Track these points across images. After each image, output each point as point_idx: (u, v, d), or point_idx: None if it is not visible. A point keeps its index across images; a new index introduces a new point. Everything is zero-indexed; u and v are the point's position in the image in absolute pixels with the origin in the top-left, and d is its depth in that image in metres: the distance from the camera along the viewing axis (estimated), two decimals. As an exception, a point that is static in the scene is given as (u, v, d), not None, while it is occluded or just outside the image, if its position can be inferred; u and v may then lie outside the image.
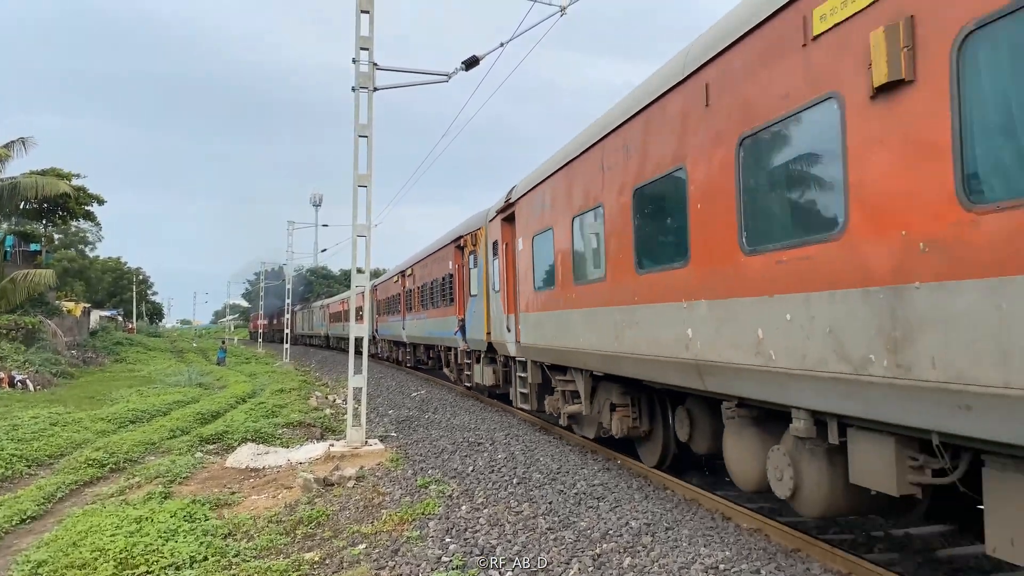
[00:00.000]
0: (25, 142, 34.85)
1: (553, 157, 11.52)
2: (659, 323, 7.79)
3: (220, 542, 7.49)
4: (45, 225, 44.08)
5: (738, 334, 6.27)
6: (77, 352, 38.13)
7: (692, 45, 7.20)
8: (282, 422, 15.75)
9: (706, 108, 6.75)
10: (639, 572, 6.05)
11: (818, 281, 5.27)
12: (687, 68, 7.11)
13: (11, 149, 33.94)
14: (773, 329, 5.78)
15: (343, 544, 7.29)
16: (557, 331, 11.17)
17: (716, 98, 6.60)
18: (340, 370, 31.41)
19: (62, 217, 43.11)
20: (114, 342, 49.07)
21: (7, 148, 33.78)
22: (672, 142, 7.43)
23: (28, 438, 13.78)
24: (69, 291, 56.69)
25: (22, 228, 42.55)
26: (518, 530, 7.30)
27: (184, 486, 10.33)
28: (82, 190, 42.30)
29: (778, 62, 5.67)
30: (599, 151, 9.39)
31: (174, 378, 28.89)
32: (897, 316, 4.52)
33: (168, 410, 18.60)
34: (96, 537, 7.51)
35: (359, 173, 12.62)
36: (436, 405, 17.84)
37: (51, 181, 35.15)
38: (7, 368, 25.77)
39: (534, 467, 10.01)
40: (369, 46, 12.54)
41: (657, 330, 7.83)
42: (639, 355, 8.26)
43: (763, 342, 5.91)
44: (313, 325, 64.01)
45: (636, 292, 8.35)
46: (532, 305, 12.45)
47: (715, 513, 7.78)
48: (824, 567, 6.05)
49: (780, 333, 5.69)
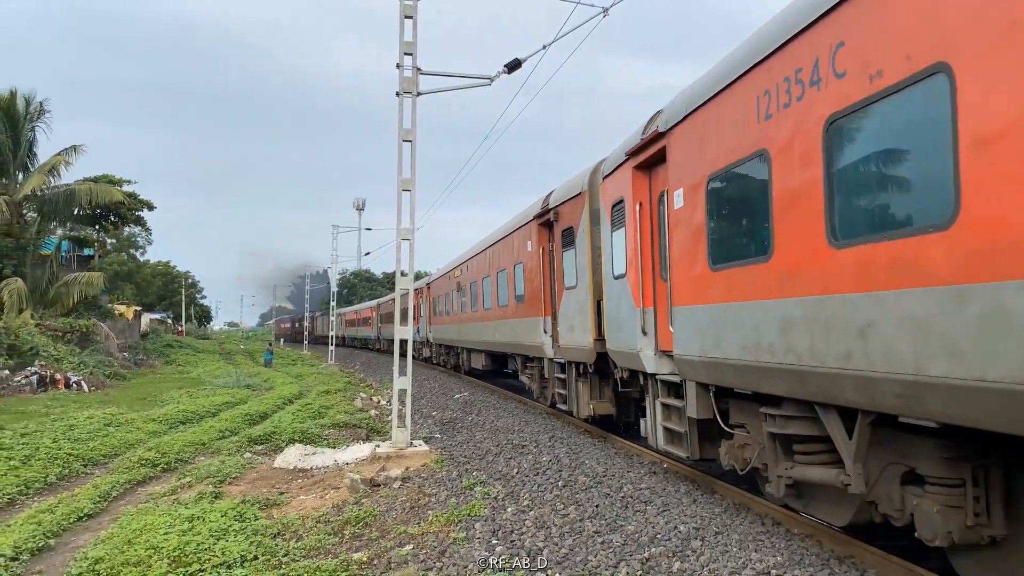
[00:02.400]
0: (77, 149, 35.86)
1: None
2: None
3: (270, 542, 7.59)
4: (98, 230, 45.23)
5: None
6: (129, 354, 39.02)
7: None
8: (328, 423, 15.93)
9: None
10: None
11: None
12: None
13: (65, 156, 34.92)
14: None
15: (390, 545, 7.34)
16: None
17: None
18: (384, 372, 31.67)
19: (114, 223, 44.18)
20: (164, 344, 50.10)
21: (62, 155, 34.77)
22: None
23: (84, 438, 14.15)
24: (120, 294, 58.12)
25: (77, 234, 43.77)
26: (564, 533, 7.27)
27: (234, 486, 10.49)
28: (133, 196, 43.31)
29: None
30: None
31: (222, 380, 29.40)
32: None
33: (217, 411, 18.94)
34: (150, 535, 7.67)
35: (403, 177, 12.71)
36: (479, 407, 17.88)
37: (105, 188, 36.08)
38: (63, 370, 26.48)
39: (579, 470, 9.96)
40: (412, 51, 12.63)
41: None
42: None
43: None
44: (328, 329, 68.76)
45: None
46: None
47: (765, 518, 7.65)
48: (879, 574, 5.91)
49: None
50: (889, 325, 4.85)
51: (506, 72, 14.03)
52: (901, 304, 4.73)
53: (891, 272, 4.83)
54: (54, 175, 34.38)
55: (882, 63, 4.93)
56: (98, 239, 47.49)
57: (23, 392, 23.28)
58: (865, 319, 5.08)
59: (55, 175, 34.48)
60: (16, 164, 33.55)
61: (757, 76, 6.60)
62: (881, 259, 4.93)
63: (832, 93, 5.48)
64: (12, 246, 32.21)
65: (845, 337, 5.31)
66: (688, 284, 8.13)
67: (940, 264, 4.37)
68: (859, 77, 5.18)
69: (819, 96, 5.65)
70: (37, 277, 33.23)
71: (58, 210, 35.34)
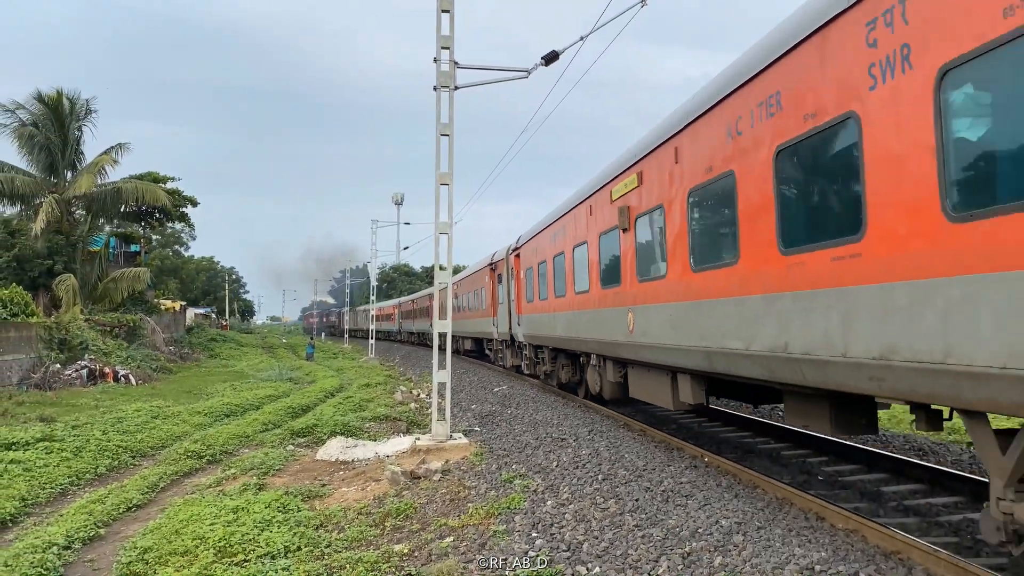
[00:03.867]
0: (122, 147, 36.63)
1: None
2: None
3: (312, 533, 7.70)
4: (144, 227, 46.22)
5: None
6: (175, 348, 39.85)
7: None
8: (369, 416, 16.09)
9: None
10: (731, 571, 5.91)
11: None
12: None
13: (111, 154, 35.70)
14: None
15: (431, 537, 7.38)
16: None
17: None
18: (423, 365, 31.89)
19: (159, 219, 45.09)
20: (209, 339, 51.09)
21: (108, 154, 35.55)
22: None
23: (132, 430, 14.50)
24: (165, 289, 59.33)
25: (123, 230, 44.75)
26: (605, 526, 7.24)
27: (277, 478, 10.66)
28: (177, 193, 44.13)
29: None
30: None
31: (265, 373, 29.90)
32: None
33: (260, 404, 19.25)
34: (196, 526, 7.83)
35: (440, 171, 12.75)
36: (518, 400, 17.90)
37: (150, 188, 36.81)
38: (112, 363, 27.14)
39: (619, 464, 9.92)
40: (450, 45, 12.64)
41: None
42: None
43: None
44: (358, 323, 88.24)
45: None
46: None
47: (808, 513, 7.53)
48: (927, 571, 5.78)
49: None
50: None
51: (543, 64, 13.99)
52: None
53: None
54: (101, 174, 35.20)
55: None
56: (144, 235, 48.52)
57: (74, 385, 23.93)
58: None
59: (102, 174, 35.30)
60: (64, 163, 34.39)
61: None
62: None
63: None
64: (63, 243, 33.04)
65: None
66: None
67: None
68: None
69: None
70: (87, 273, 34.08)
71: (105, 208, 36.18)
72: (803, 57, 6.47)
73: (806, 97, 6.41)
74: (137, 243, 47.45)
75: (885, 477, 9.11)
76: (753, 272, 7.35)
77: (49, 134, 33.41)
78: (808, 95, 6.38)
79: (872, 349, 5.52)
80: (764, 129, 7.11)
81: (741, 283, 7.61)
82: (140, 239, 47.88)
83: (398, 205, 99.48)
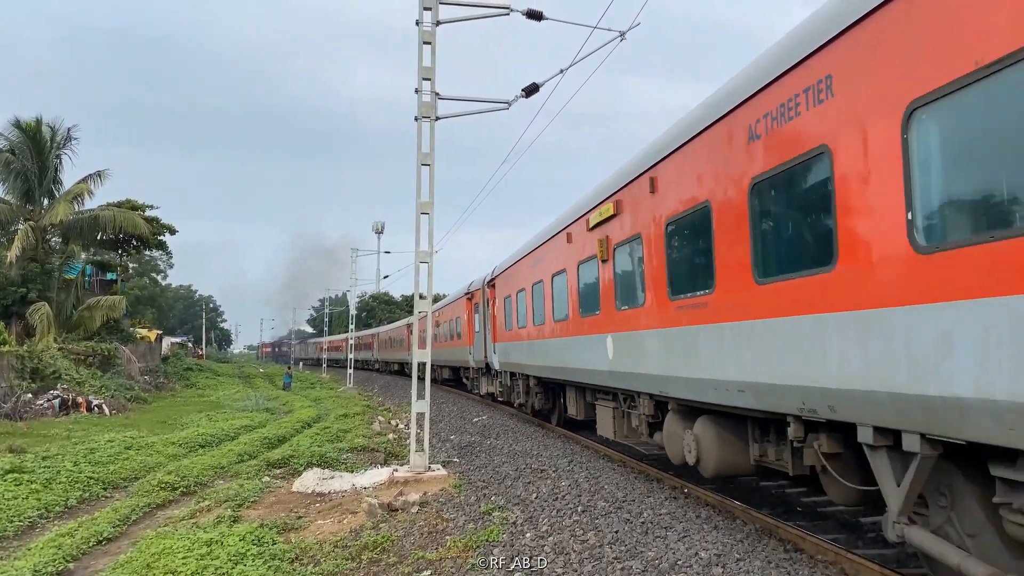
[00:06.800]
0: (101, 175, 36.42)
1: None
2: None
3: (288, 566, 7.57)
4: (120, 255, 45.77)
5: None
6: (150, 378, 39.31)
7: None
8: (346, 447, 15.93)
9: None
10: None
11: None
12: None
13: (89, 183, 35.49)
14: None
15: (408, 570, 7.29)
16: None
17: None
18: (401, 395, 31.68)
19: (136, 247, 44.70)
20: (184, 368, 50.47)
21: (85, 183, 35.33)
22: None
23: (104, 461, 14.22)
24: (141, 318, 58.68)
25: (100, 258, 44.32)
26: (584, 559, 7.19)
27: (252, 510, 10.49)
28: (155, 220, 43.83)
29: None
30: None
31: (242, 403, 29.54)
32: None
33: (236, 435, 19.00)
34: (169, 559, 7.68)
35: (421, 200, 12.77)
36: (498, 431, 17.81)
37: (128, 216, 36.56)
38: (85, 393, 26.71)
39: (599, 495, 9.87)
40: (431, 76, 12.74)
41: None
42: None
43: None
44: (308, 354, 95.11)
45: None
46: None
47: (788, 544, 7.53)
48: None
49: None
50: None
51: (524, 96, 14.13)
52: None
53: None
54: (78, 202, 34.94)
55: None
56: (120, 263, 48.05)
57: (46, 415, 23.49)
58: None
59: (79, 202, 35.04)
60: (41, 190, 34.11)
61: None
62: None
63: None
64: (38, 271, 32.64)
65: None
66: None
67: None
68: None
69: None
70: (61, 301, 33.62)
71: (82, 235, 35.85)
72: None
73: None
74: (114, 271, 46.98)
75: (862, 508, 9.12)
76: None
77: (26, 161, 33.17)
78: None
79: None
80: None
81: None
82: (117, 267, 47.42)
83: (379, 234, 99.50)
